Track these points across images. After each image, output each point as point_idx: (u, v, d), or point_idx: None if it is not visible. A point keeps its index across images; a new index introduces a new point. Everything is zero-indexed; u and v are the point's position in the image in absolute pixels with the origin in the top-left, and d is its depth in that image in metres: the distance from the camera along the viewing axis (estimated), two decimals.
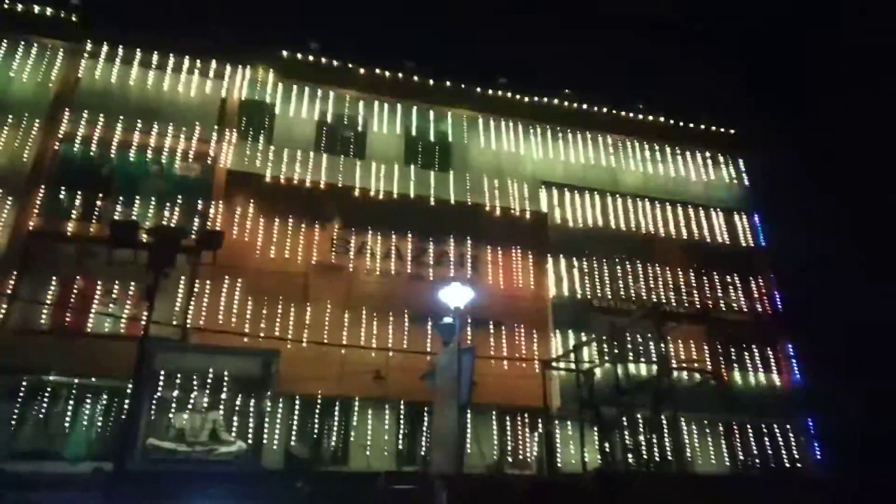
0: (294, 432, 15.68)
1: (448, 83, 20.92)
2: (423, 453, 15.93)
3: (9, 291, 14.56)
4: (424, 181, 19.26)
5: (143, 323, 11.31)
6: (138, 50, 18.27)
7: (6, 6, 17.68)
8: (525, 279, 18.75)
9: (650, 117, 22.51)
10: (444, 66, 21.45)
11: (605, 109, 22.10)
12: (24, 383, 14.20)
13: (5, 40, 17.53)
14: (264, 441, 15.07)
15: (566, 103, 21.82)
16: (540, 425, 16.50)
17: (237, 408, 15.27)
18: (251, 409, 15.30)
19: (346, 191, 18.34)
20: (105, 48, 18.14)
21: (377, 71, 20.31)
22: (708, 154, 22.81)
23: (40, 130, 16.57)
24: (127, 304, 15.51)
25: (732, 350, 19.34)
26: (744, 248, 21.45)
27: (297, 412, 15.81)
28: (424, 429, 15.93)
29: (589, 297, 18.93)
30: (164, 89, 18.29)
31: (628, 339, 16.37)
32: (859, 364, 20.49)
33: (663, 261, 20.14)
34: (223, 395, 15.21)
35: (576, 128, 21.67)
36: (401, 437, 16.32)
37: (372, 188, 18.61)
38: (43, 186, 16.00)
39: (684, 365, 17.29)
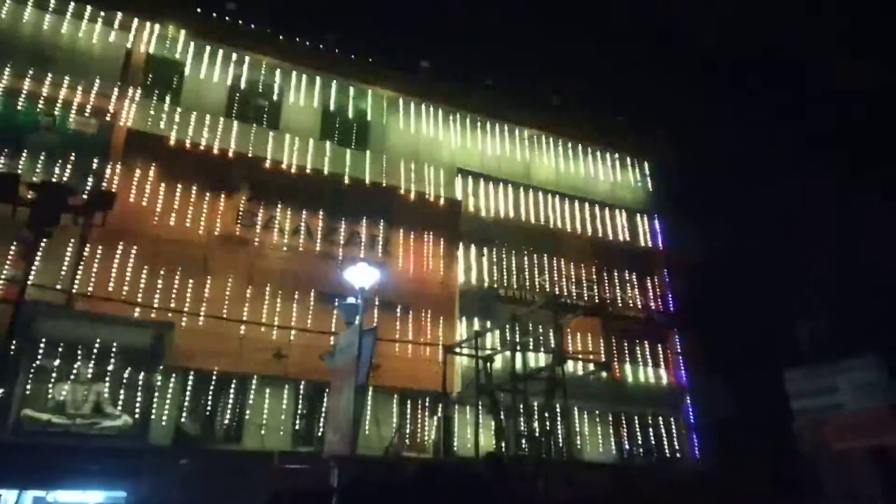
0: (186, 408, 15.11)
1: (370, 60, 20.60)
2: (319, 434, 15.76)
3: None
4: (340, 158, 18.87)
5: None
6: None
7: None
8: (435, 265, 18.85)
9: (563, 115, 23.06)
10: (367, 44, 21.10)
11: (522, 102, 22.42)
12: None
13: None
14: (152, 416, 14.49)
15: (486, 93, 22.00)
16: (439, 409, 16.70)
17: (125, 381, 14.56)
18: (140, 383, 14.64)
19: (257, 161, 17.67)
20: None
21: (297, 40, 19.68)
22: (616, 155, 23.72)
23: None
24: (7, 266, 14.34)
25: (625, 344, 20.34)
26: (643, 248, 22.50)
27: (190, 388, 15.24)
28: (323, 409, 15.74)
29: (496, 286, 19.31)
30: (63, 36, 16.94)
31: (529, 328, 16.84)
32: (738, 360, 22.00)
33: (568, 255, 20.82)
34: (110, 367, 14.46)
35: (494, 119, 21.91)
36: (298, 416, 16.08)
37: (284, 161, 18.03)
38: None
39: (579, 356, 17.97)
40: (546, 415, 14.14)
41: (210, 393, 15.43)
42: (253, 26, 19.22)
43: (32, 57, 16.20)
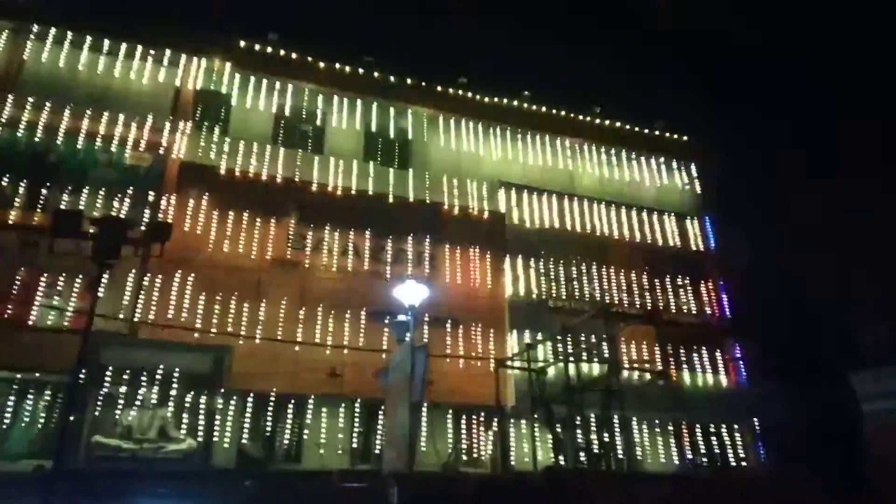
0: (247, 430, 15.42)
1: (409, 80, 20.85)
2: (377, 451, 15.86)
3: None
4: (383, 178, 19.12)
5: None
6: (88, 35, 17.72)
7: None
8: (482, 279, 18.81)
9: (607, 122, 22.88)
10: (404, 63, 21.41)
11: (562, 112, 22.36)
12: None
13: None
14: (215, 439, 14.85)
15: (525, 105, 22.02)
16: (494, 423, 16.61)
17: (187, 405, 15.00)
18: (202, 407, 15.06)
19: (304, 186, 18.06)
20: (53, 31, 17.52)
21: (336, 65, 20.10)
22: (662, 159, 23.34)
23: None
24: (73, 297, 15.01)
25: (681, 351, 19.82)
26: (694, 252, 21.97)
27: (249, 410, 15.55)
28: (379, 427, 15.85)
29: (545, 297, 19.14)
30: (116, 76, 17.76)
31: (581, 338, 16.65)
32: (798, 364, 21.24)
33: (616, 263, 20.49)
34: (173, 392, 14.92)
35: (535, 130, 21.88)
36: (355, 435, 16.21)
37: (330, 184, 18.38)
38: None
39: (635, 365, 17.63)
40: (603, 426, 13.90)
41: (269, 414, 15.72)
42: (294, 55, 19.72)
43: (89, 97, 17.02)
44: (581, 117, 22.61)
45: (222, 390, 15.19)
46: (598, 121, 22.80)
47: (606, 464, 13.90)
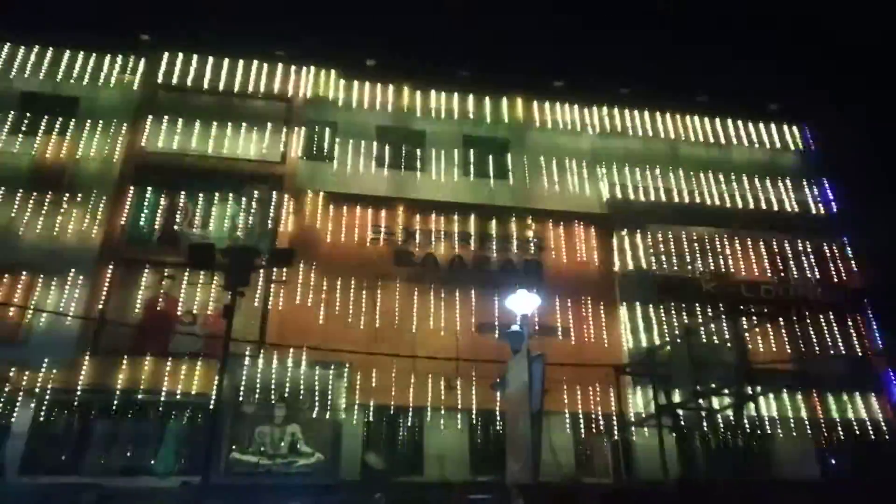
0: (369, 443, 15.87)
1: (504, 85, 21.00)
2: (496, 463, 15.84)
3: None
4: (484, 186, 19.46)
5: (223, 340, 11.76)
6: (210, 56, 19.33)
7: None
8: (592, 282, 18.41)
9: (709, 92, 22.16)
10: (497, 71, 21.59)
11: (664, 112, 21.67)
12: (116, 402, 14.93)
13: (94, 55, 18.77)
14: (341, 452, 15.38)
15: (626, 107, 21.49)
16: (615, 431, 16.15)
17: (313, 420, 15.65)
18: (327, 421, 15.67)
19: (408, 203, 18.58)
20: (180, 56, 19.21)
21: (433, 91, 20.60)
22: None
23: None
24: (206, 323, 16.11)
25: (814, 338, 18.24)
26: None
27: (371, 423, 16.01)
28: (499, 438, 15.82)
29: (661, 296, 18.37)
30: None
31: (702, 338, 15.88)
32: None
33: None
34: (300, 408, 15.62)
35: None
36: (475, 446, 16.27)
37: (433, 198, 18.80)
38: (126, 213, 16.94)
39: (767, 366, 16.52)
40: (736, 431, 13.16)
41: (389, 426, 16.10)
42: (392, 85, 20.33)
43: (214, 113, 18.58)
44: (683, 90, 22.14)
45: (343, 404, 15.72)
46: (701, 92, 22.15)
47: (740, 470, 13.13)
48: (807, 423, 17.25)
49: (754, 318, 16.83)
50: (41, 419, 14.58)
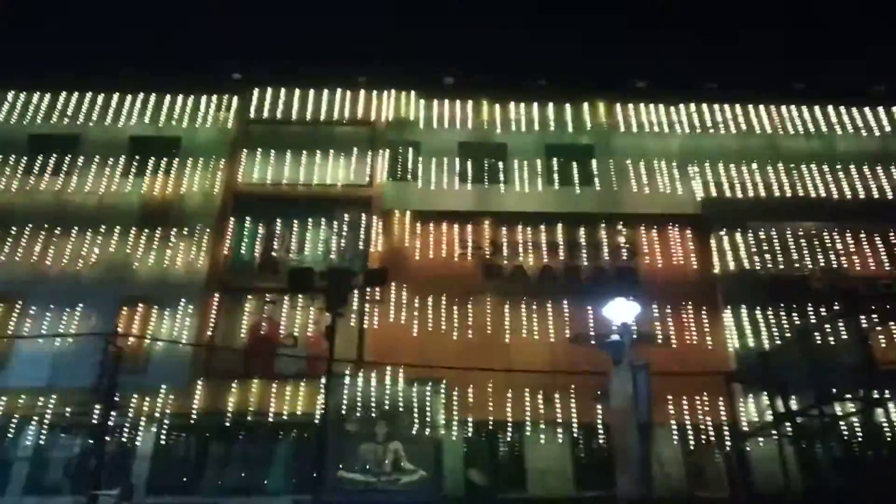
0: (470, 459, 15.82)
1: (583, 91, 20.66)
2: (603, 478, 15.42)
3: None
4: (570, 196, 19.09)
5: (325, 361, 12.09)
6: (297, 88, 20.06)
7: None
8: (692, 278, 17.77)
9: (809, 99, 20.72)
10: (572, 76, 21.26)
11: (758, 105, 20.57)
12: (228, 424, 15.62)
13: (192, 97, 19.95)
14: (443, 469, 15.39)
15: (715, 102, 20.64)
16: (728, 442, 15.34)
17: (414, 436, 15.76)
18: (427, 438, 15.73)
19: (495, 213, 18.57)
20: (269, 92, 20.07)
21: (511, 90, 20.58)
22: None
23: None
24: (307, 343, 16.64)
25: None
26: None
27: (470, 438, 15.96)
28: (603, 451, 15.39)
29: (768, 297, 17.38)
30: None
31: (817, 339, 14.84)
32: None
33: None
34: (400, 425, 15.78)
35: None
36: (578, 460, 15.89)
37: (519, 207, 18.71)
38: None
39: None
40: (867, 437, 12.17)
41: (489, 441, 16.01)
42: (470, 101, 20.43)
43: (305, 162, 19.14)
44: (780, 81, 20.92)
45: (443, 420, 15.76)
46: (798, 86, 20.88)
47: (871, 482, 12.11)
48: None
49: (874, 316, 15.58)
50: (162, 442, 15.46)
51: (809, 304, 16.74)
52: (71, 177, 18.80)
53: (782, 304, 16.86)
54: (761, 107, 20.44)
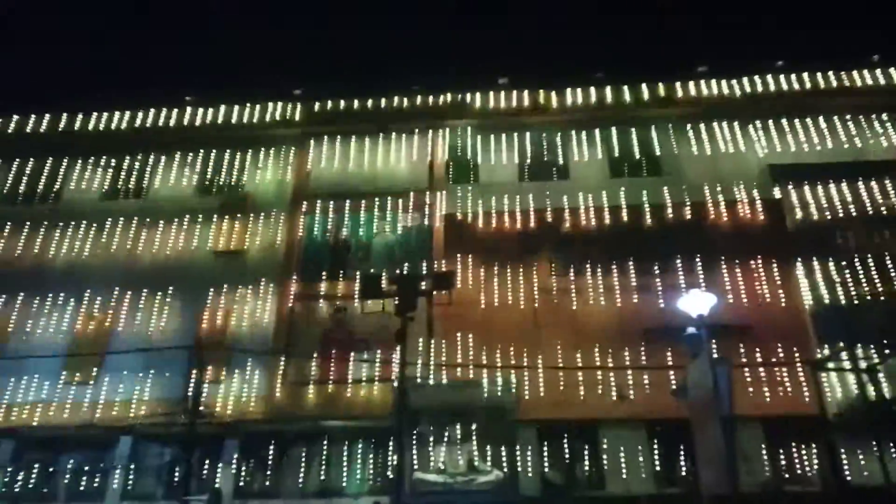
0: (547, 459, 15.71)
1: (642, 86, 20.27)
2: (683, 474, 15.04)
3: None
4: (636, 191, 18.66)
5: (396, 365, 12.27)
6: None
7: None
8: (767, 277, 17.05)
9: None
10: (635, 74, 20.83)
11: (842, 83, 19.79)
12: (306, 430, 16.06)
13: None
14: (519, 469, 15.35)
15: (789, 86, 19.89)
16: (816, 435, 14.67)
17: (488, 436, 15.78)
18: (501, 437, 15.73)
19: (557, 216, 18.41)
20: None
21: (569, 98, 20.40)
22: None
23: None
24: (378, 350, 16.90)
25: None
26: None
27: (545, 438, 15.85)
28: (681, 447, 15.01)
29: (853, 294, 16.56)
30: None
31: None
32: None
33: None
34: (473, 427, 15.83)
35: (804, 112, 19.55)
36: (656, 457, 15.55)
37: (582, 208, 18.47)
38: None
39: None
40: None
41: (565, 441, 15.85)
42: (525, 100, 20.39)
43: (363, 184, 19.52)
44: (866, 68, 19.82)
45: (516, 420, 15.70)
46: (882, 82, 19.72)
47: None
48: None
49: None
50: (245, 447, 16.03)
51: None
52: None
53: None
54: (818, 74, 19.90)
